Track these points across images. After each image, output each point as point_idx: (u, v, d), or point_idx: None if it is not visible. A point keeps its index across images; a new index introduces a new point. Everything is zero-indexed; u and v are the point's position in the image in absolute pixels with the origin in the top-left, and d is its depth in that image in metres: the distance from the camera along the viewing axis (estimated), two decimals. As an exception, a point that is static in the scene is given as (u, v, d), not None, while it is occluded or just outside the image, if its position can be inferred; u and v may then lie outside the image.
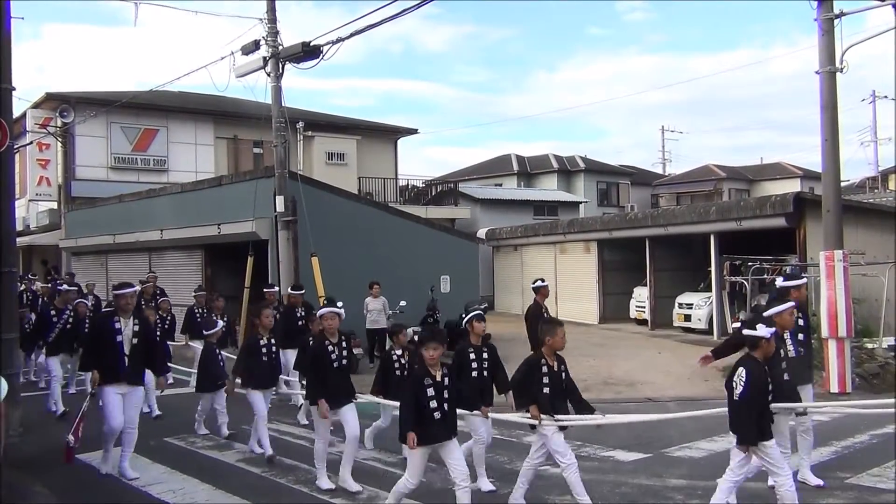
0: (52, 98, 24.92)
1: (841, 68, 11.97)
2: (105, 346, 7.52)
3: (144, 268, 20.51)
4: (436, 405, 5.84)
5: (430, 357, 5.92)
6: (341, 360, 7.28)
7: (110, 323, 7.62)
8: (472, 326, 7.31)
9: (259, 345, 8.56)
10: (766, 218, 17.26)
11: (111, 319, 7.61)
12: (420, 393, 5.84)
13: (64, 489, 7.32)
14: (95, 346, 7.66)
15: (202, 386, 9.51)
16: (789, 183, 39.22)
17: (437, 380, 5.90)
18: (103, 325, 7.66)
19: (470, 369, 7.11)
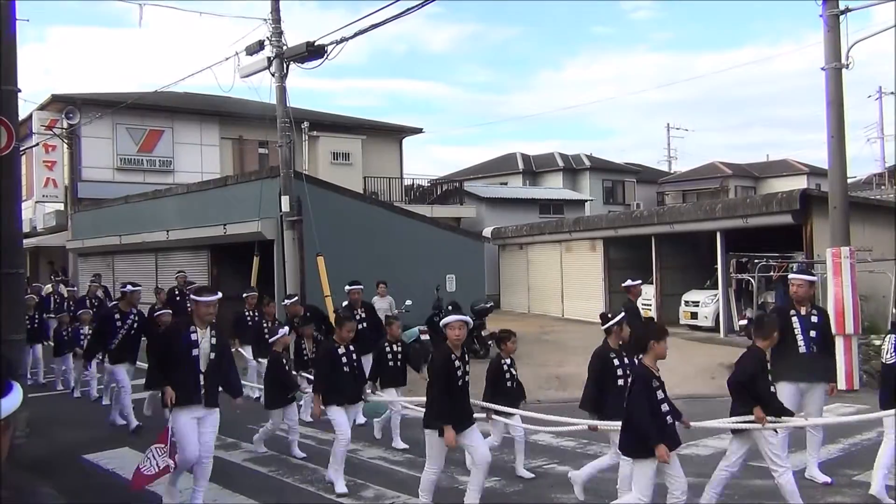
0: (57, 100, 25.00)
1: (846, 65, 11.93)
2: (178, 361, 6.44)
3: (151, 268, 20.58)
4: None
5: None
6: (465, 376, 6.23)
7: (185, 334, 6.52)
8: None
9: (338, 354, 7.51)
10: (773, 215, 17.19)
11: (186, 330, 6.54)
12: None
13: (71, 490, 7.35)
14: (166, 361, 6.58)
15: (273, 401, 8.55)
16: (796, 180, 39.10)
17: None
18: (176, 336, 6.58)
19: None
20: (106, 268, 23.41)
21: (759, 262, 16.33)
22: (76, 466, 8.28)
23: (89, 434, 9.77)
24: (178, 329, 6.63)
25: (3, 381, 1.83)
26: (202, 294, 6.70)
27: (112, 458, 8.50)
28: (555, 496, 6.83)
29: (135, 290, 10.58)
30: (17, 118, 9.83)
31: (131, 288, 10.53)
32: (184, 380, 6.39)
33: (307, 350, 9.73)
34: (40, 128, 24.59)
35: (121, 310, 10.23)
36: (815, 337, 6.91)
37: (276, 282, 15.65)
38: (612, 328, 6.49)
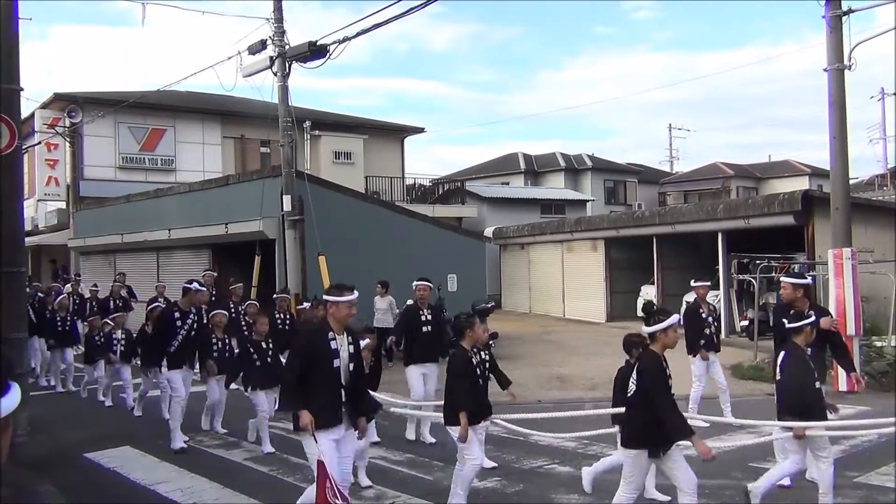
0: (60, 98, 25.00)
1: (849, 66, 11.92)
2: (320, 374, 5.46)
3: (153, 267, 20.58)
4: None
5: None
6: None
7: (324, 341, 5.51)
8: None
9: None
10: (775, 216, 17.20)
11: (325, 337, 5.53)
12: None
13: (73, 489, 7.36)
14: (305, 374, 5.45)
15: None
16: (797, 181, 39.07)
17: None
18: (316, 343, 5.55)
19: None
20: (107, 266, 23.39)
21: (761, 263, 16.32)
22: (77, 465, 8.29)
23: (90, 433, 9.79)
24: (316, 336, 5.60)
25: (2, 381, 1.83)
26: (342, 293, 5.63)
27: (113, 456, 8.51)
28: (555, 496, 6.83)
29: (200, 290, 9.52)
30: (20, 117, 9.82)
31: (196, 286, 9.46)
32: (327, 398, 5.46)
33: None
34: (42, 126, 24.61)
35: (181, 309, 9.25)
36: None
37: (278, 281, 15.65)
38: (656, 334, 5.39)
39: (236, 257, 17.86)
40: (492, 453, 8.03)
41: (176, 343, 9.04)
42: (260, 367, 8.65)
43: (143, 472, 7.83)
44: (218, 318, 9.81)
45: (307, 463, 7.95)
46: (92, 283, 19.32)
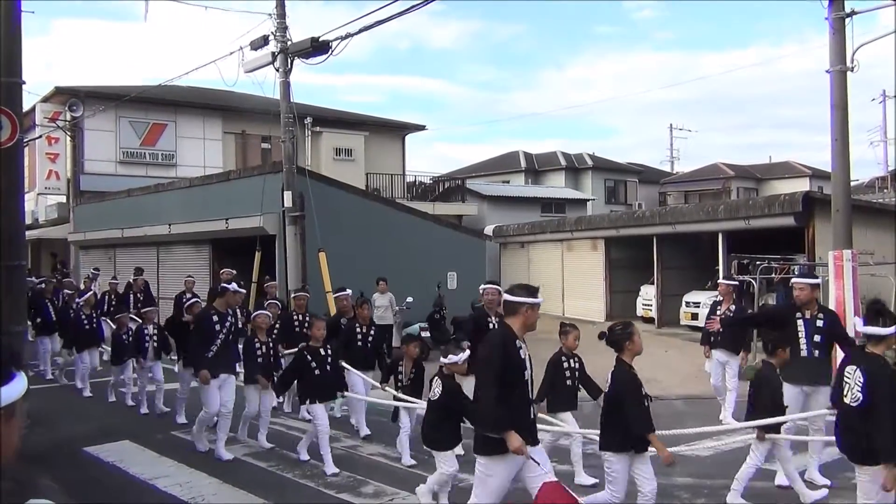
0: (61, 92, 25.00)
1: (851, 67, 11.89)
2: (515, 390, 4.84)
3: (153, 262, 20.58)
4: None
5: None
6: None
7: (514, 350, 4.89)
8: None
9: None
10: (775, 217, 17.20)
11: (514, 344, 4.91)
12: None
13: (71, 483, 7.35)
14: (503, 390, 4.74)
15: None
16: (798, 182, 39.06)
17: None
18: (511, 354, 4.87)
19: None
20: (107, 261, 23.41)
21: (761, 264, 16.31)
22: (76, 459, 8.29)
23: (90, 427, 9.79)
24: (511, 344, 4.88)
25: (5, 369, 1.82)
26: (535, 293, 5.03)
27: (112, 450, 8.52)
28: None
29: (239, 291, 8.83)
30: (21, 110, 9.81)
31: (235, 287, 8.75)
32: (523, 417, 4.86)
33: None
34: (43, 120, 24.62)
35: (217, 311, 8.44)
36: (819, 341, 6.98)
37: (278, 277, 15.65)
38: None
39: (236, 253, 17.86)
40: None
41: (214, 348, 8.27)
42: (319, 376, 7.75)
43: (142, 466, 7.83)
44: (261, 320, 8.80)
45: (306, 458, 7.95)
46: (110, 277, 19.00)
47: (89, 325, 12.37)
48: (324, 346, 7.96)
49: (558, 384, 6.97)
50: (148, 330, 10.77)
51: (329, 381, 7.87)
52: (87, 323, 12.36)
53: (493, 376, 4.74)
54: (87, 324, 12.35)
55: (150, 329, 10.79)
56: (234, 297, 8.68)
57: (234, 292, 8.62)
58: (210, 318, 8.37)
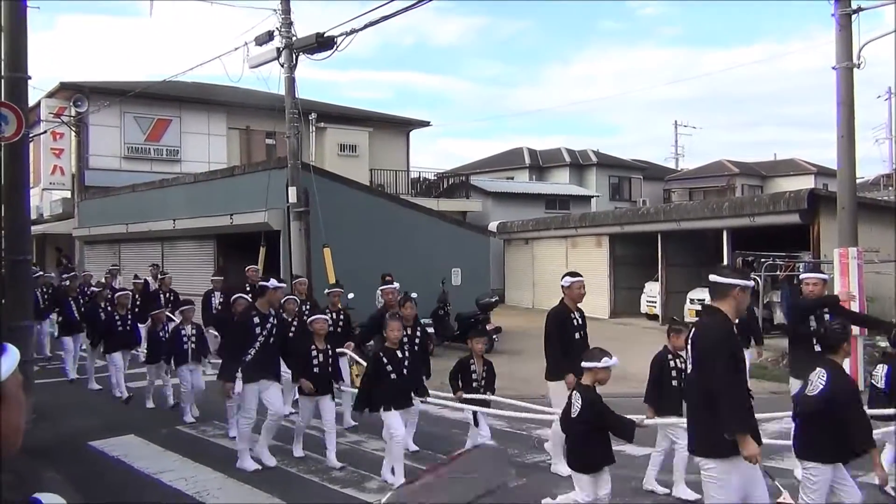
0: (66, 87, 25.01)
1: (858, 64, 11.86)
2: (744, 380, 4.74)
3: (157, 258, 20.61)
4: None
5: None
6: None
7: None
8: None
9: None
10: (780, 214, 17.18)
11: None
12: None
13: (77, 476, 7.38)
14: None
15: None
16: (803, 179, 38.97)
17: None
18: (734, 341, 4.62)
19: None
20: (112, 256, 23.45)
21: (766, 262, 16.30)
22: (81, 453, 8.32)
23: (95, 421, 9.81)
24: (733, 337, 4.64)
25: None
26: (747, 275, 5.07)
27: (117, 445, 8.55)
28: (558, 491, 6.82)
29: (279, 286, 8.28)
30: (27, 105, 9.84)
31: (275, 283, 8.15)
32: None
33: None
34: (48, 115, 24.61)
35: (259, 311, 7.86)
36: None
37: (282, 273, 15.66)
38: None
39: (241, 248, 17.88)
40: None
41: (253, 352, 7.60)
42: (396, 380, 7.03)
43: (147, 460, 7.86)
44: (319, 325, 7.93)
45: (311, 454, 7.95)
46: (133, 274, 18.27)
47: (123, 327, 11.47)
48: (401, 347, 7.26)
49: (665, 385, 6.69)
50: (186, 330, 9.88)
51: (408, 385, 7.18)
52: (120, 324, 11.48)
53: (728, 371, 4.43)
54: (120, 325, 11.47)
55: (188, 329, 9.90)
56: (275, 294, 8.05)
57: (275, 289, 8.01)
58: (251, 319, 7.72)
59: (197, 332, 10.06)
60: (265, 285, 8.01)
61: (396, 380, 7.00)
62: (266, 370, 7.67)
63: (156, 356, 10.49)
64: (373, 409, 7.07)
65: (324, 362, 7.88)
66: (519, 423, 8.98)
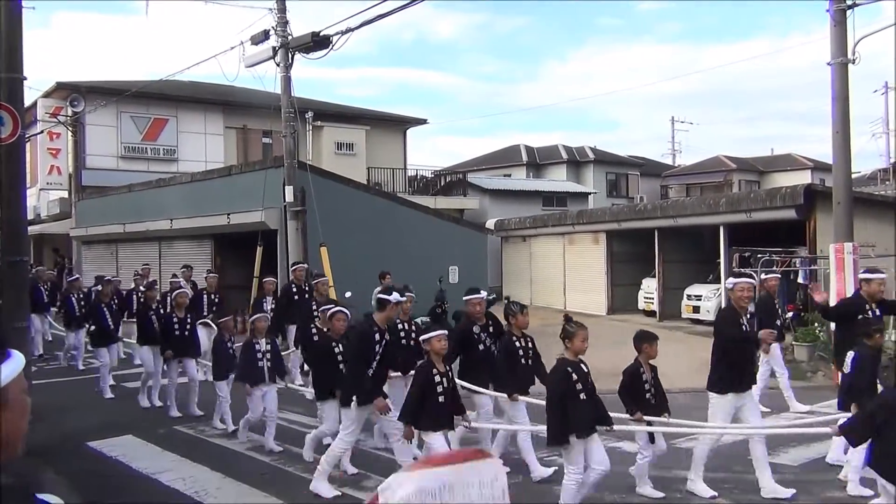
0: (62, 87, 25.00)
1: (853, 59, 11.89)
2: None
3: (155, 257, 20.62)
4: None
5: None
6: None
7: None
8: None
9: None
10: (776, 210, 17.20)
11: None
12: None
13: (75, 477, 7.40)
14: None
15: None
16: (800, 174, 39.02)
17: None
18: None
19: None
20: (109, 256, 23.45)
21: (762, 257, 16.33)
22: (80, 453, 8.33)
23: (94, 421, 9.82)
24: None
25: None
26: None
27: (116, 445, 8.55)
28: (556, 488, 6.84)
29: (401, 300, 7.19)
30: (23, 105, 9.82)
31: (397, 297, 6.93)
32: None
33: None
34: (45, 115, 24.62)
35: (379, 327, 6.88)
36: None
37: (280, 272, 15.68)
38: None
39: (238, 248, 17.90)
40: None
41: (370, 372, 6.72)
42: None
43: (145, 460, 7.87)
44: (440, 346, 6.19)
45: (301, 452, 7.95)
46: (170, 274, 17.22)
47: (181, 331, 10.20)
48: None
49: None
50: (260, 344, 8.34)
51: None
52: (178, 328, 10.19)
53: None
54: (178, 329, 10.19)
55: (262, 344, 8.36)
56: (395, 308, 6.98)
57: (397, 303, 6.94)
58: (372, 336, 6.73)
59: (272, 346, 8.54)
60: (385, 299, 6.81)
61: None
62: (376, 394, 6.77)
63: (223, 372, 9.05)
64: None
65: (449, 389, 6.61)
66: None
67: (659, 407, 6.42)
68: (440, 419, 6.08)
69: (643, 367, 6.53)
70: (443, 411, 6.09)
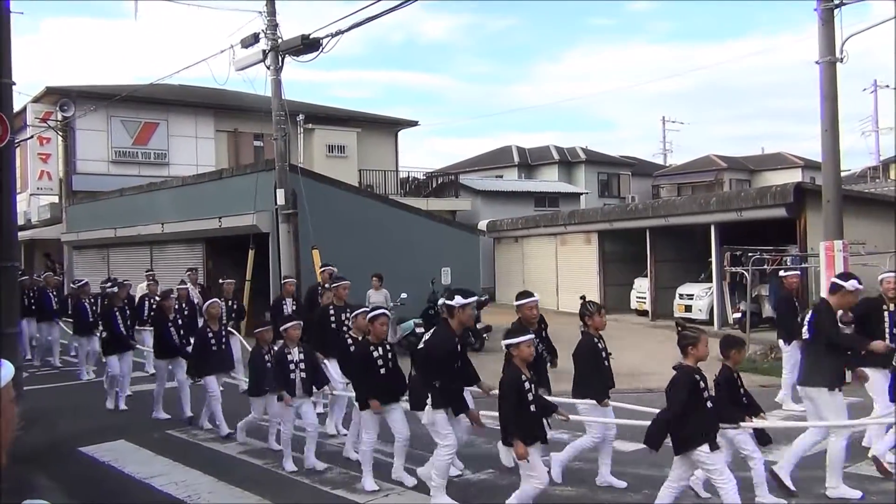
0: (52, 92, 24.93)
1: (841, 58, 11.96)
2: None
3: (146, 261, 20.57)
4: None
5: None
6: None
7: None
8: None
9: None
10: (767, 208, 17.29)
11: None
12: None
13: (68, 482, 7.38)
14: None
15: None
16: (790, 173, 39.17)
17: None
18: None
19: None
20: (101, 261, 23.38)
21: (753, 256, 16.40)
22: (72, 459, 8.30)
23: (85, 426, 9.78)
24: None
25: None
26: None
27: (108, 450, 8.53)
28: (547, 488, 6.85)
29: (466, 303, 6.39)
30: (12, 110, 9.82)
31: (461, 300, 6.36)
32: None
33: None
34: (35, 120, 24.53)
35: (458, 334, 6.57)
36: None
37: (271, 275, 15.66)
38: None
39: (230, 251, 17.87)
40: (484, 445, 8.08)
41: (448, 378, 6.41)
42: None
43: (137, 465, 7.85)
44: (529, 352, 5.80)
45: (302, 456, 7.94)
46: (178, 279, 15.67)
47: (217, 345, 9.29)
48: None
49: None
50: (293, 354, 7.75)
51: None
52: (214, 342, 9.28)
53: None
54: (215, 343, 9.27)
55: (294, 353, 7.78)
56: (464, 313, 6.42)
57: (461, 308, 6.40)
58: (455, 345, 6.48)
59: (306, 356, 7.89)
60: (451, 304, 6.43)
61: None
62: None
63: (258, 387, 8.18)
64: None
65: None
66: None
67: (753, 406, 6.07)
68: (535, 430, 5.60)
69: (736, 373, 6.06)
70: (537, 422, 5.67)
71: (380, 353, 7.01)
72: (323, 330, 9.17)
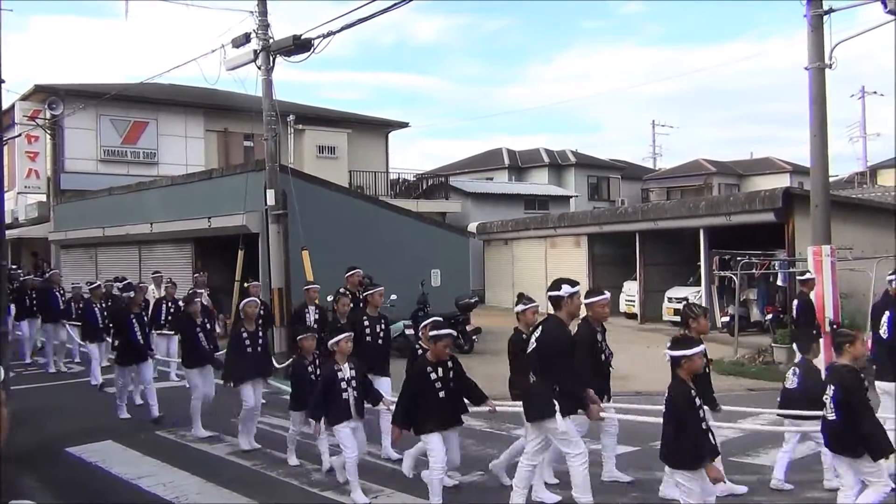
0: (41, 90, 24.78)
1: (830, 64, 12.02)
2: None
3: (135, 261, 20.47)
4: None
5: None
6: None
7: None
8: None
9: None
10: (756, 213, 17.39)
11: None
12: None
13: (56, 484, 7.34)
14: None
15: None
16: (779, 178, 39.39)
17: None
18: None
19: None
20: (88, 260, 23.25)
21: (742, 260, 16.48)
22: (60, 459, 8.26)
23: (73, 427, 9.72)
24: None
25: None
26: None
27: (95, 450, 8.49)
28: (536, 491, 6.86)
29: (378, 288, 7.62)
30: (0, 108, 9.76)
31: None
32: None
33: None
34: (23, 118, 24.37)
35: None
36: None
37: (261, 276, 15.60)
38: None
39: (219, 251, 17.80)
40: (474, 448, 8.09)
41: None
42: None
43: (125, 466, 7.81)
44: (698, 363, 5.33)
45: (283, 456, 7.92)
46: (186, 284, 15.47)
47: (253, 348, 8.60)
48: None
49: None
50: (343, 371, 6.87)
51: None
52: (250, 344, 8.59)
53: None
54: (250, 346, 8.59)
55: (346, 370, 6.89)
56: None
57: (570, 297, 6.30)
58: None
59: (357, 372, 6.98)
60: (561, 295, 6.28)
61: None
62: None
63: (301, 401, 7.56)
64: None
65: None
66: (498, 422, 9.02)
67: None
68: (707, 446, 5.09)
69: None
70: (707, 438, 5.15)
71: (438, 375, 6.34)
72: (358, 344, 7.59)
